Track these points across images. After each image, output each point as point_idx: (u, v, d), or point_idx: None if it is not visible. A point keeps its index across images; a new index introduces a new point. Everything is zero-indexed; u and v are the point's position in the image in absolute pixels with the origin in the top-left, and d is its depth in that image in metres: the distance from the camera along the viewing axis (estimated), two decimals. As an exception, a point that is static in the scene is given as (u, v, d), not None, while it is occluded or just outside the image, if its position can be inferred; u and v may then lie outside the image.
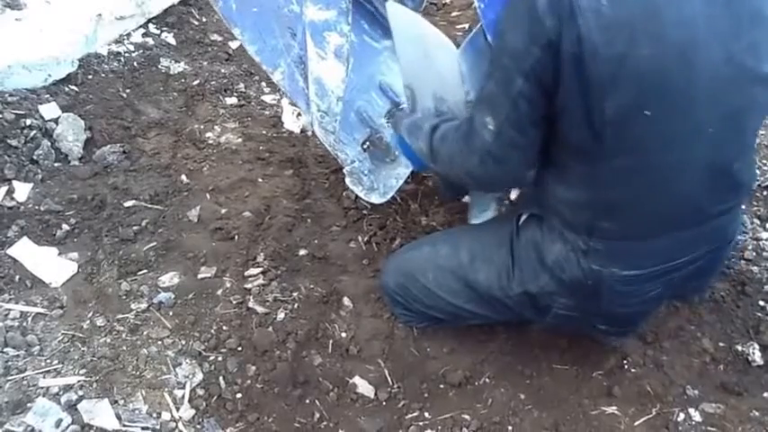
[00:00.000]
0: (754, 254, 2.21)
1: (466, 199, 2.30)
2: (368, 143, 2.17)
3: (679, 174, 1.43)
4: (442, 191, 2.30)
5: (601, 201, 1.49)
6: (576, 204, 1.53)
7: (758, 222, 2.34)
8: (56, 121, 2.48)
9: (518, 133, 1.46)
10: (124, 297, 2.01)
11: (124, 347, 1.88)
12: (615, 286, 1.58)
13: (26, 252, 2.08)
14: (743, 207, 2.17)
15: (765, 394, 1.86)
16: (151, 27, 3.18)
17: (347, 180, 2.15)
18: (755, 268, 2.17)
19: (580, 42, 1.27)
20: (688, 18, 1.30)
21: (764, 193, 2.47)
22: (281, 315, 1.99)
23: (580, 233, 1.55)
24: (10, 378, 1.76)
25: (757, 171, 2.54)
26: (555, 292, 1.66)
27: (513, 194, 2.27)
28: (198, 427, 1.73)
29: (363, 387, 1.86)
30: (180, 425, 1.73)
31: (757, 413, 1.81)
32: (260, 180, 2.47)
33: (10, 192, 2.25)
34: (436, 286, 1.85)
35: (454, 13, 3.62)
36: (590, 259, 1.56)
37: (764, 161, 2.60)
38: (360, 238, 2.27)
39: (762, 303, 2.07)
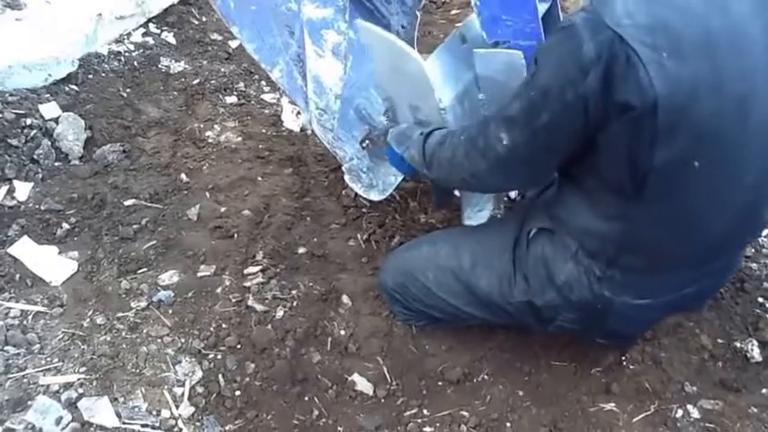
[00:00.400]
0: (753, 251, 2.22)
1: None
2: (367, 141, 2.18)
3: (714, 221, 1.42)
4: (434, 197, 2.30)
5: (630, 237, 1.47)
6: (604, 237, 1.51)
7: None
8: (56, 120, 2.49)
9: (531, 155, 1.47)
10: (124, 295, 2.01)
11: (124, 345, 1.89)
12: (625, 312, 1.59)
13: (26, 251, 2.09)
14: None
15: (764, 391, 1.86)
16: (151, 26, 3.18)
17: (346, 177, 2.16)
18: (754, 265, 2.18)
19: (640, 94, 1.22)
20: (749, 70, 1.27)
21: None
22: (279, 313, 1.99)
23: (598, 261, 1.55)
24: (10, 376, 1.77)
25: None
26: (560, 307, 1.66)
27: (513, 193, 2.27)
28: (197, 424, 1.74)
29: (362, 384, 1.87)
30: (179, 422, 1.74)
31: (755, 409, 1.82)
32: (259, 178, 2.48)
33: (10, 191, 2.26)
34: (436, 286, 1.84)
35: (453, 12, 3.62)
36: (603, 286, 1.56)
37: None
38: (359, 237, 2.27)
39: (761, 300, 2.08)
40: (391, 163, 1.99)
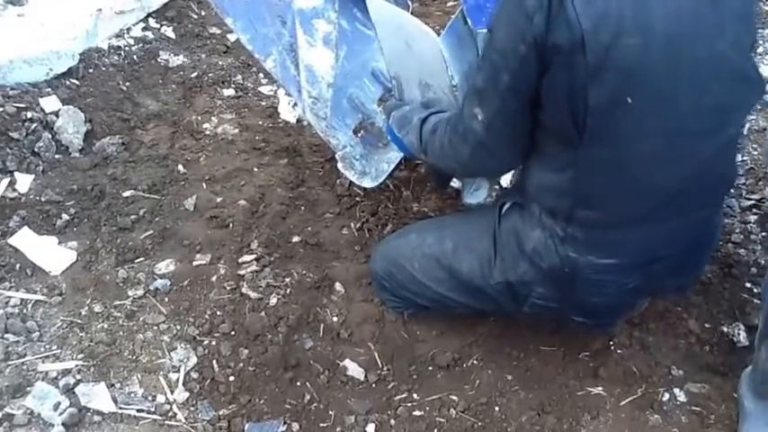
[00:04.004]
0: (742, 237, 2.24)
1: (456, 184, 2.33)
2: (360, 129, 2.21)
3: (658, 165, 1.43)
4: (433, 180, 2.33)
5: (580, 188, 1.50)
6: (557, 190, 1.54)
7: (746, 206, 2.36)
8: (56, 113, 2.53)
9: (508, 125, 1.50)
10: (121, 284, 2.06)
11: (121, 333, 1.93)
12: (591, 275, 1.59)
13: (27, 241, 2.13)
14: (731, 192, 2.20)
15: (749, 374, 1.88)
16: (151, 21, 3.22)
17: (339, 165, 2.19)
18: (743, 251, 2.19)
19: (569, 31, 1.27)
20: (674, 12, 1.31)
21: (750, 177, 2.49)
22: (273, 300, 2.03)
23: (559, 220, 1.57)
24: (10, 363, 1.81)
25: (746, 157, 2.56)
26: (533, 281, 1.68)
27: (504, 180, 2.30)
28: (192, 409, 1.78)
29: (354, 369, 1.90)
30: (174, 407, 1.78)
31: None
32: (255, 169, 2.51)
33: (12, 183, 2.31)
34: (421, 274, 1.87)
35: (450, 3, 3.65)
36: (567, 246, 1.57)
37: (754, 145, 2.62)
38: (352, 225, 2.31)
39: (748, 285, 2.09)
40: (394, 143, 2.02)
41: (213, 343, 1.92)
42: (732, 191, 2.39)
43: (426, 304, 1.94)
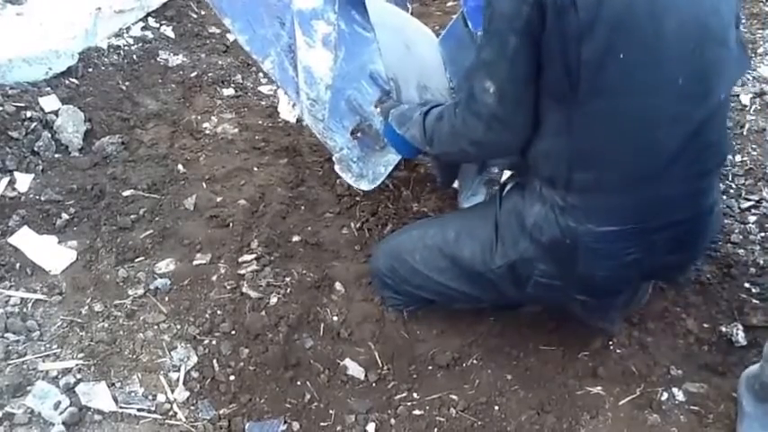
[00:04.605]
0: (741, 237, 2.24)
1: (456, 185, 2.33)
2: (357, 131, 2.21)
3: (649, 123, 1.48)
4: (438, 177, 2.33)
5: (576, 149, 1.54)
6: (553, 155, 1.57)
7: (745, 206, 2.37)
8: (56, 113, 2.53)
9: (520, 90, 1.53)
10: (121, 283, 2.06)
11: (121, 332, 1.93)
12: (591, 243, 1.60)
13: (27, 240, 2.13)
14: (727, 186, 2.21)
15: (747, 373, 1.89)
16: (150, 20, 3.23)
17: (336, 167, 2.19)
18: (741, 251, 2.20)
19: None
20: None
21: (750, 178, 2.50)
22: (273, 300, 2.03)
23: (558, 188, 1.59)
24: (10, 362, 1.82)
25: (746, 157, 2.57)
26: (534, 258, 1.68)
27: (504, 176, 2.29)
28: (192, 408, 1.79)
29: (354, 369, 1.91)
30: (175, 406, 1.78)
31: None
32: (255, 169, 2.52)
33: (11, 182, 2.31)
34: (423, 265, 1.88)
35: (450, 3, 3.65)
36: (567, 216, 1.59)
37: (754, 146, 2.62)
38: (352, 225, 2.31)
39: (747, 285, 2.10)
40: (391, 144, 2.03)
41: (213, 342, 1.93)
42: (731, 191, 2.40)
43: (428, 297, 1.95)
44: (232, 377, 1.85)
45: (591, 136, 1.51)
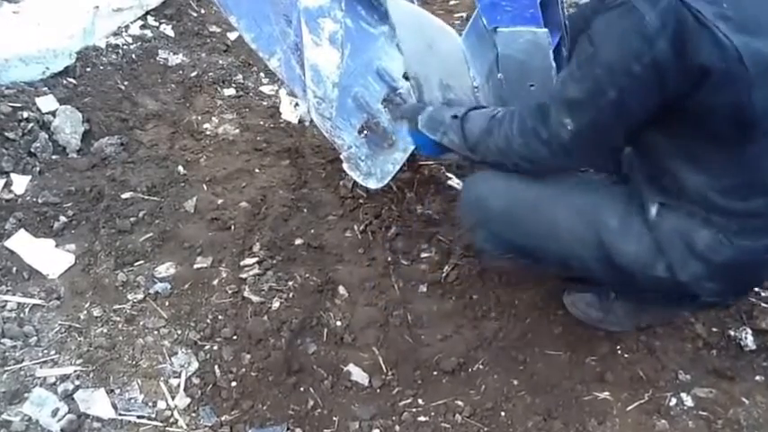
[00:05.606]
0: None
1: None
2: (365, 129, 2.18)
3: None
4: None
5: (749, 181, 1.49)
6: (725, 190, 1.51)
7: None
8: (53, 113, 2.50)
9: (600, 135, 1.50)
10: (121, 288, 2.03)
11: (120, 337, 1.90)
12: (765, 255, 1.57)
13: (23, 244, 2.10)
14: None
15: (757, 378, 1.87)
16: (149, 19, 3.19)
17: (344, 166, 2.16)
18: (750, 254, 2.17)
19: (721, 50, 1.30)
20: None
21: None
22: (275, 304, 2.01)
23: (733, 217, 1.53)
24: (7, 368, 1.79)
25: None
26: (703, 278, 1.60)
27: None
28: (193, 415, 1.76)
29: (357, 374, 1.88)
30: (175, 413, 1.75)
31: (748, 399, 1.82)
32: (257, 170, 2.48)
33: (8, 184, 2.28)
34: (568, 232, 1.69)
35: (452, 2, 3.63)
36: (741, 238, 1.54)
37: None
38: (355, 227, 2.28)
39: (756, 289, 2.07)
40: (418, 145, 2.00)
41: (215, 348, 1.90)
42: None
43: (536, 255, 1.77)
44: (234, 383, 1.82)
45: (765, 166, 1.47)
